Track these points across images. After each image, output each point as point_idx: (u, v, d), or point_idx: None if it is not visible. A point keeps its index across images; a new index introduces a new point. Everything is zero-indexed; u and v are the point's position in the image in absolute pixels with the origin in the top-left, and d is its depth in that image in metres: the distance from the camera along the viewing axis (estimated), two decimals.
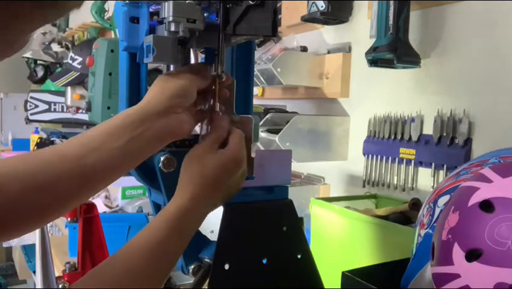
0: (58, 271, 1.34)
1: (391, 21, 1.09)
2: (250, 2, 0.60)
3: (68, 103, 2.31)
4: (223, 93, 0.67)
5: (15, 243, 2.77)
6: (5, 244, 3.13)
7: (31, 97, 2.95)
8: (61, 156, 0.53)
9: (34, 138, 3.02)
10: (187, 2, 0.61)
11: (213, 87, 0.67)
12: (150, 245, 0.55)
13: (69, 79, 2.24)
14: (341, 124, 1.39)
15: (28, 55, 3.64)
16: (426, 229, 0.68)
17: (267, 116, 1.33)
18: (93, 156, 0.54)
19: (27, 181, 0.50)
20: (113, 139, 0.55)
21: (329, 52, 1.45)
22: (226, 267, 0.67)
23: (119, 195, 1.88)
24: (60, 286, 1.16)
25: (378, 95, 1.30)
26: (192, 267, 0.69)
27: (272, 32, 0.62)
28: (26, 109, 2.98)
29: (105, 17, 2.93)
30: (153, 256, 0.54)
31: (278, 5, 1.56)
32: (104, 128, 0.56)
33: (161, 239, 0.55)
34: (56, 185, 0.52)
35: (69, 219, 1.17)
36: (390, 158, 1.23)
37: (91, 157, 0.54)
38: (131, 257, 0.53)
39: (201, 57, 0.72)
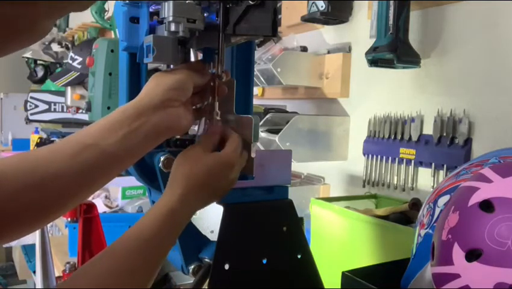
0: (58, 271, 1.35)
1: (391, 21, 1.09)
2: (250, 2, 0.60)
3: (68, 103, 2.31)
4: (221, 90, 0.67)
5: (16, 243, 2.78)
6: (5, 244, 3.13)
7: (31, 97, 2.95)
8: (59, 153, 0.53)
9: (34, 138, 3.02)
10: (187, 2, 0.61)
11: (211, 85, 0.67)
12: (137, 244, 0.54)
13: (69, 79, 2.24)
14: (341, 124, 1.39)
15: (28, 55, 3.64)
16: (426, 229, 0.68)
17: (267, 116, 1.33)
18: (91, 152, 0.54)
19: (26, 179, 0.50)
20: (110, 134, 0.55)
21: (329, 52, 1.45)
22: (226, 267, 0.67)
23: (119, 195, 1.88)
24: (58, 285, 1.16)
25: (378, 95, 1.30)
26: (192, 267, 0.69)
27: (272, 32, 0.62)
28: (26, 109, 2.98)
29: (105, 17, 2.93)
30: (140, 255, 0.54)
31: (278, 5, 1.56)
32: (101, 124, 0.56)
33: (149, 238, 0.55)
34: (55, 182, 0.52)
35: (69, 219, 1.17)
36: (390, 158, 1.23)
37: (88, 153, 0.54)
38: (118, 256, 0.53)
39: (201, 57, 0.72)
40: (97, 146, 0.54)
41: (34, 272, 2.03)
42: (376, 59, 1.13)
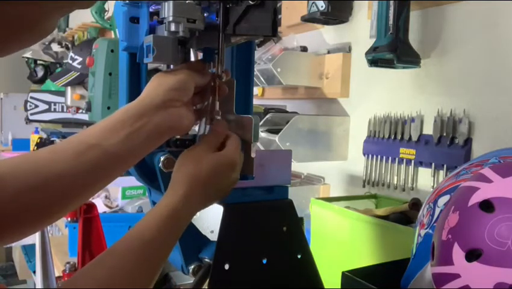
0: (58, 271, 1.35)
1: (391, 21, 1.09)
2: (250, 2, 0.60)
3: (68, 103, 2.31)
4: (222, 89, 0.67)
5: (16, 243, 2.77)
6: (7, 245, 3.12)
7: (31, 97, 2.95)
8: (62, 153, 0.53)
9: (34, 138, 3.02)
10: (187, 2, 0.61)
11: (212, 85, 0.67)
12: (139, 244, 0.54)
13: (69, 79, 2.24)
14: (341, 124, 1.39)
15: (28, 55, 3.64)
16: (426, 229, 0.68)
17: (267, 116, 1.33)
18: (93, 152, 0.54)
19: (28, 179, 0.50)
20: (112, 134, 0.55)
21: (329, 52, 1.45)
22: (226, 267, 0.66)
23: (119, 195, 1.88)
24: (60, 286, 1.16)
25: (378, 95, 1.30)
26: (192, 267, 0.69)
27: (272, 32, 0.62)
28: (26, 109, 2.98)
29: (105, 17, 2.93)
30: (141, 256, 0.54)
31: (278, 5, 1.56)
32: (103, 124, 0.56)
33: (151, 239, 0.55)
34: (58, 182, 0.52)
35: (69, 219, 1.17)
36: (390, 158, 1.23)
37: (91, 153, 0.54)
38: (119, 257, 0.53)
39: (201, 57, 0.72)
40: (100, 146, 0.54)
41: (34, 272, 2.03)
42: (376, 59, 1.13)
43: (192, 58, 0.70)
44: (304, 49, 1.49)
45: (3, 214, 0.48)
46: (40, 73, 3.71)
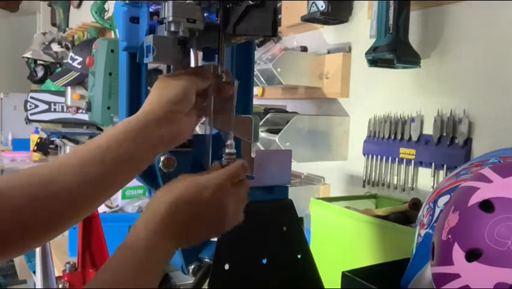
0: (58, 271, 1.34)
1: (391, 21, 1.09)
2: (250, 2, 0.60)
3: (68, 103, 2.31)
4: (225, 89, 0.67)
5: None
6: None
7: (31, 97, 2.95)
8: (68, 165, 0.54)
9: (34, 138, 3.02)
10: (187, 2, 0.61)
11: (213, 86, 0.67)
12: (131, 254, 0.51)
13: (69, 79, 2.24)
14: (341, 124, 1.39)
15: (28, 55, 3.64)
16: (426, 229, 0.68)
17: (267, 116, 1.33)
18: (99, 164, 0.54)
19: (35, 192, 0.50)
20: (117, 146, 0.56)
21: (329, 52, 1.45)
22: (226, 267, 0.67)
23: (119, 195, 1.88)
24: (60, 286, 1.16)
25: (378, 95, 1.30)
26: (192, 267, 0.70)
27: (272, 32, 0.62)
28: (26, 109, 2.98)
29: (105, 17, 2.93)
30: (137, 267, 0.51)
31: (278, 5, 1.56)
32: (107, 136, 0.57)
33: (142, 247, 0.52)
34: (64, 194, 0.52)
35: None
36: (390, 158, 1.23)
37: (96, 164, 0.54)
38: (115, 270, 0.50)
39: (201, 57, 0.72)
40: (105, 158, 0.55)
41: (34, 272, 2.03)
42: (376, 59, 1.13)
43: (192, 58, 0.70)
44: (304, 49, 1.49)
45: (11, 227, 0.49)
46: (40, 73, 3.71)
